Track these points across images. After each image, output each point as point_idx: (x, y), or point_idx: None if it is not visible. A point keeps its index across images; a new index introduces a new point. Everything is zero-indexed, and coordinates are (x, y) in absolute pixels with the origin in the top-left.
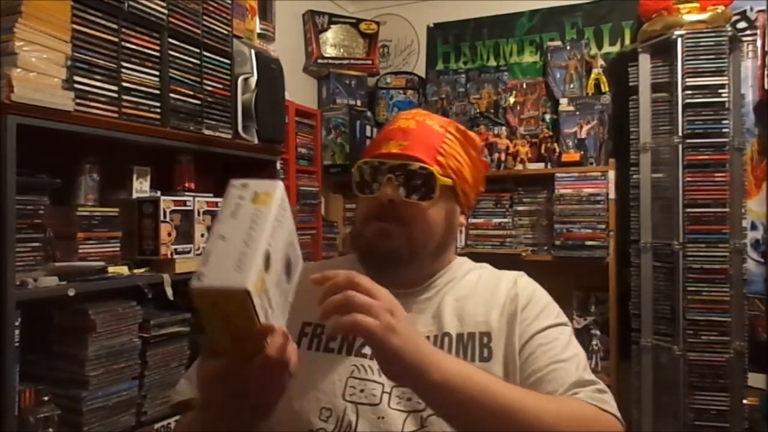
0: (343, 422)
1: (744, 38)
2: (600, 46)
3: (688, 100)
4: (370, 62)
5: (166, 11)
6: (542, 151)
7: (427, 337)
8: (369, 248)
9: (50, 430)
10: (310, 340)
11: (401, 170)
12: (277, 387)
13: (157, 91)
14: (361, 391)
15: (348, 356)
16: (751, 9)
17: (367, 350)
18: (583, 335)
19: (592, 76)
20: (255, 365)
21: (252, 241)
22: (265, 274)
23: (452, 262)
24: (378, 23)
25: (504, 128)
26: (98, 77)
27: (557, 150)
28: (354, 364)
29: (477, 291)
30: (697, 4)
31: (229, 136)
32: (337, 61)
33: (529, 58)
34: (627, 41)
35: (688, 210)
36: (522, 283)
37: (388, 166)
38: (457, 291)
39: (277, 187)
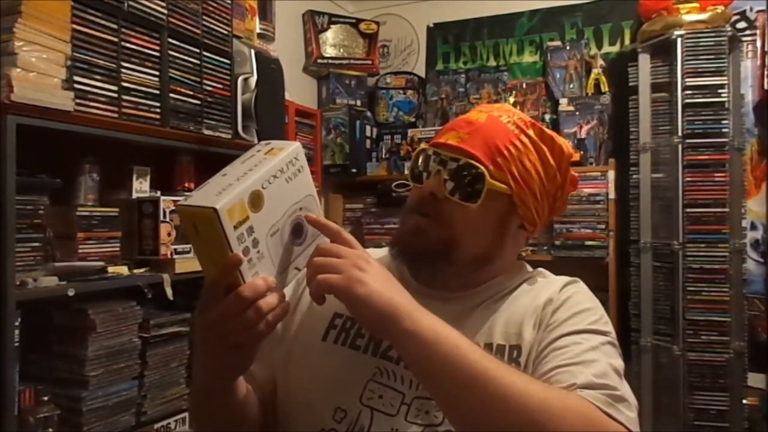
0: (356, 427)
1: (744, 38)
2: (600, 46)
3: (687, 100)
4: (369, 62)
5: (166, 11)
6: None
7: None
8: (401, 243)
9: (50, 430)
10: (338, 333)
11: (452, 164)
12: (249, 332)
13: (157, 91)
14: (380, 397)
15: (373, 357)
16: (751, 9)
17: (393, 353)
18: None
19: (592, 76)
20: (228, 300)
21: (244, 177)
22: (251, 212)
23: (504, 274)
24: (378, 23)
25: None
26: (98, 77)
27: None
28: (378, 367)
29: (516, 299)
30: (696, 4)
31: (229, 136)
32: (337, 61)
33: (528, 58)
34: (627, 41)
35: (688, 210)
36: (566, 288)
37: (440, 157)
38: (496, 300)
39: (293, 145)
